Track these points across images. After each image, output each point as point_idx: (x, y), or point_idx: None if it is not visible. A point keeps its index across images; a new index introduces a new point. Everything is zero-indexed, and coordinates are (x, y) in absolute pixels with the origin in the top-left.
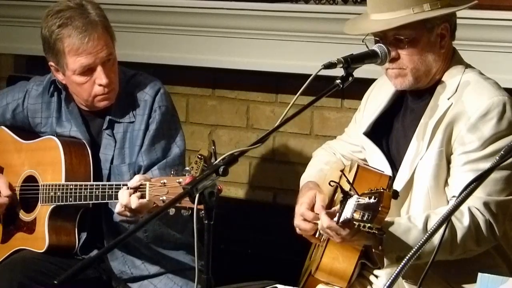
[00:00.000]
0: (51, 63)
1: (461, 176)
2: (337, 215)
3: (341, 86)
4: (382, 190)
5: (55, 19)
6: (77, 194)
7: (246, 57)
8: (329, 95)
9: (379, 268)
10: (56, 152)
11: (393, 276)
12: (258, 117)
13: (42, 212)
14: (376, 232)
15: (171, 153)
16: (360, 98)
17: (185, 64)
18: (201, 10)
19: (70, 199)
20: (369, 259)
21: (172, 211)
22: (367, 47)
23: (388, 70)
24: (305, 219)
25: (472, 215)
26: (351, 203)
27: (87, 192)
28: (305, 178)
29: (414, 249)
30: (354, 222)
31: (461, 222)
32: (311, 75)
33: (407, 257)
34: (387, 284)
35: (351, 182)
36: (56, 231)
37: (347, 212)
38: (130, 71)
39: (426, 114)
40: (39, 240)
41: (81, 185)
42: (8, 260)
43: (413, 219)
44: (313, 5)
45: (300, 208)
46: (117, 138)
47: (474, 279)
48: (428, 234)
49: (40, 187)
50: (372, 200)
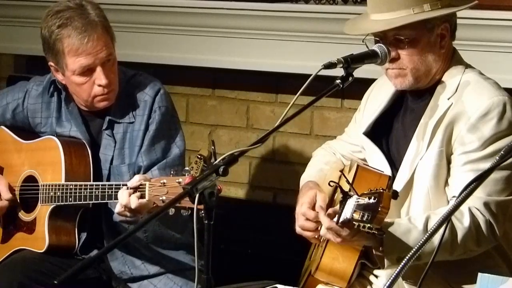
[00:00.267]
0: (51, 63)
1: (461, 176)
2: (337, 216)
3: (341, 86)
4: (382, 191)
5: (55, 20)
6: (77, 194)
7: (246, 57)
8: (329, 95)
9: (379, 268)
10: (56, 152)
11: (393, 276)
12: (258, 117)
13: (42, 212)
14: (376, 232)
15: (171, 154)
16: (360, 98)
17: (185, 64)
18: (201, 10)
19: (70, 199)
20: (369, 259)
21: (172, 211)
22: (367, 47)
23: (388, 70)
24: (307, 219)
25: (473, 215)
26: (351, 204)
27: (87, 192)
28: (305, 178)
29: (414, 249)
30: (354, 223)
31: (462, 223)
32: (311, 75)
33: (407, 257)
34: (387, 284)
35: (351, 182)
36: (56, 231)
37: (347, 212)
38: (130, 71)
39: (426, 114)
40: (39, 240)
41: (81, 185)
42: (8, 260)
43: (413, 220)
44: (313, 5)
45: (302, 208)
46: (117, 139)
47: (474, 279)
48: (428, 234)
49: (40, 187)
50: (372, 201)
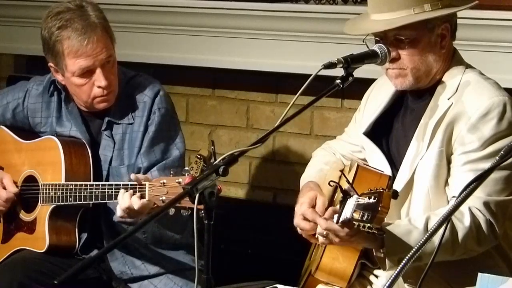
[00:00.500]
0: (51, 64)
1: (461, 176)
2: (337, 215)
3: (341, 86)
4: (382, 190)
5: (55, 21)
6: (77, 194)
7: (246, 57)
8: (329, 95)
9: (379, 268)
10: (56, 152)
11: (393, 276)
12: (258, 117)
13: (42, 212)
14: (376, 232)
15: (171, 155)
16: (360, 98)
17: (185, 64)
18: (201, 10)
19: (70, 199)
20: (369, 259)
21: (172, 211)
22: (368, 47)
23: (389, 70)
24: (306, 219)
25: (473, 215)
26: (351, 203)
27: (87, 192)
28: (305, 178)
29: (414, 249)
30: (354, 222)
31: (462, 222)
32: (311, 75)
33: (407, 257)
34: (387, 285)
35: (351, 182)
36: (56, 231)
37: (347, 212)
38: (131, 72)
39: (426, 114)
40: (40, 240)
41: (81, 185)
42: (9, 260)
43: (414, 221)
44: (313, 5)
45: (301, 208)
46: (116, 139)
47: (474, 279)
48: (428, 234)
49: (40, 187)
50: (372, 200)
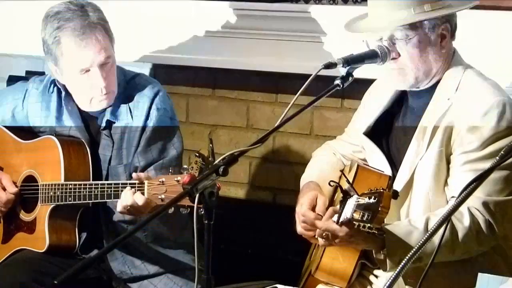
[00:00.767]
0: (50, 63)
1: (461, 176)
2: (337, 215)
3: (341, 86)
4: (382, 190)
5: (54, 20)
6: (77, 194)
7: (246, 57)
8: (329, 95)
9: (379, 268)
10: (55, 152)
11: (393, 277)
12: (258, 117)
13: (42, 212)
14: (376, 232)
15: (168, 154)
16: (360, 98)
17: (185, 64)
18: (201, 10)
19: (70, 199)
20: (369, 259)
21: (171, 210)
22: (368, 47)
23: (388, 70)
24: (306, 221)
25: (472, 215)
26: (351, 203)
27: (87, 192)
28: (305, 178)
29: (414, 249)
30: (354, 222)
31: (462, 223)
32: (311, 75)
33: (407, 257)
34: (387, 285)
35: (351, 182)
36: (56, 231)
37: (347, 212)
38: (131, 73)
39: (426, 114)
40: (40, 240)
41: (80, 185)
42: (9, 260)
43: (414, 222)
44: (313, 5)
45: (301, 209)
46: (115, 139)
47: (474, 279)
48: (428, 234)
49: (40, 187)
50: (372, 200)
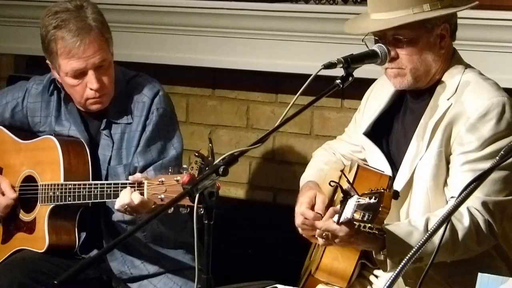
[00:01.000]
0: (48, 62)
1: (460, 176)
2: (337, 215)
3: (341, 86)
4: (383, 190)
5: (52, 20)
6: (76, 194)
7: (246, 57)
8: (329, 95)
9: (379, 269)
10: (55, 152)
11: (393, 277)
12: (258, 117)
13: (42, 212)
14: (377, 233)
15: (168, 155)
16: (360, 98)
17: (185, 64)
18: (201, 10)
19: (69, 199)
20: (369, 259)
21: (171, 210)
22: (367, 47)
23: (388, 70)
24: (305, 219)
25: (472, 215)
26: (351, 203)
27: (86, 192)
28: (305, 178)
29: (414, 249)
30: (355, 223)
31: (462, 223)
32: (311, 75)
33: (407, 257)
34: (387, 285)
35: (351, 182)
36: (56, 231)
37: (347, 212)
38: (131, 73)
39: (426, 114)
40: (39, 240)
41: (80, 185)
42: (9, 260)
43: (414, 222)
44: (313, 5)
45: (300, 208)
46: (115, 139)
47: (474, 279)
48: (428, 234)
49: (39, 187)
50: (373, 200)
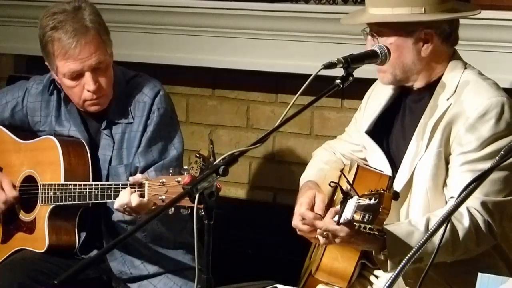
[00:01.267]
0: (46, 63)
1: (459, 177)
2: (337, 216)
3: (341, 86)
4: (383, 191)
5: (49, 21)
6: (76, 194)
7: (246, 57)
8: (329, 95)
9: (379, 269)
10: (55, 152)
11: (393, 277)
12: (258, 117)
13: (42, 212)
14: (377, 233)
15: (168, 155)
16: (360, 98)
17: (185, 64)
18: (201, 10)
19: (70, 199)
20: (369, 259)
21: (171, 210)
22: (365, 39)
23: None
24: (304, 219)
25: (471, 215)
26: (351, 204)
27: (86, 192)
28: (305, 178)
29: (414, 249)
30: (355, 224)
31: (462, 223)
32: (311, 75)
33: (407, 257)
34: (387, 285)
35: (351, 183)
36: (56, 231)
37: (347, 213)
38: (131, 72)
39: (426, 114)
40: (39, 240)
41: (80, 185)
42: (8, 260)
43: (414, 223)
44: (313, 5)
45: (300, 209)
46: (115, 139)
47: (474, 279)
48: (428, 234)
49: (39, 187)
50: (373, 201)
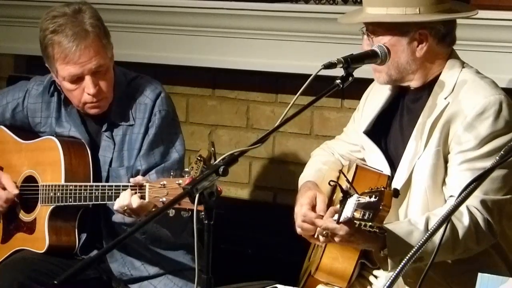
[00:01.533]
0: (46, 65)
1: (458, 175)
2: (337, 215)
3: (341, 86)
4: (383, 189)
5: (49, 24)
6: (77, 195)
7: (246, 57)
8: (329, 95)
9: (379, 269)
10: (56, 153)
11: (393, 277)
12: (258, 117)
13: (42, 213)
14: (377, 231)
15: (170, 158)
16: (360, 98)
17: (185, 64)
18: (201, 10)
19: (70, 200)
20: (369, 259)
21: (172, 213)
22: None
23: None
24: (306, 220)
25: (471, 214)
26: (351, 202)
27: (87, 193)
28: (303, 178)
29: (415, 248)
30: (355, 222)
31: (461, 222)
32: (311, 75)
33: (408, 257)
34: (387, 285)
35: (351, 182)
36: (56, 232)
37: (347, 212)
38: (132, 74)
39: (424, 114)
40: (39, 241)
41: (81, 186)
42: (9, 260)
43: (414, 222)
44: (313, 5)
45: (302, 209)
46: (116, 141)
47: (474, 279)
48: (429, 234)
49: (40, 188)
50: (373, 199)
